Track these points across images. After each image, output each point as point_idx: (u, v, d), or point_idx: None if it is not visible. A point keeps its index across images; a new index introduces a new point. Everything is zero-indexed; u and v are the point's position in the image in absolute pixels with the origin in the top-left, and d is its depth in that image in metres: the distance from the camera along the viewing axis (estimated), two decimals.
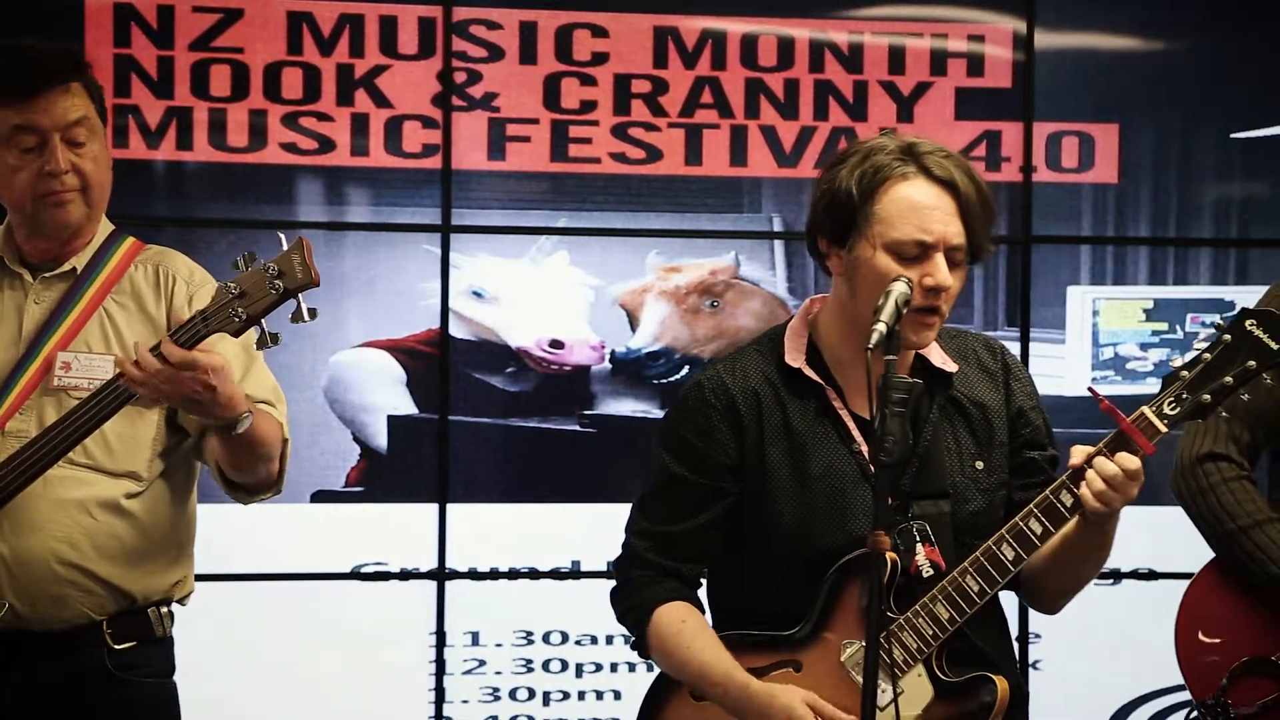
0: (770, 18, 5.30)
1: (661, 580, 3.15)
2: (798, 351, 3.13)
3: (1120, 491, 2.91)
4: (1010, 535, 2.97)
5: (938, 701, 3.00)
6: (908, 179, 3.01)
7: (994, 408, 3.15)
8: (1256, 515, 3.58)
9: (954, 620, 2.98)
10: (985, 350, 3.22)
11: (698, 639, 3.10)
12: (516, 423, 5.28)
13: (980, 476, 3.12)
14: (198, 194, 5.14)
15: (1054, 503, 2.95)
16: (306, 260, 3.06)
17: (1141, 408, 2.94)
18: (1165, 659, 3.72)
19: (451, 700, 5.27)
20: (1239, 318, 2.93)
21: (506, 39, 5.21)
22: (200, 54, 5.09)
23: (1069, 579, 3.15)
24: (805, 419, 3.10)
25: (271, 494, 3.46)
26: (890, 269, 2.97)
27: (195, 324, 3.07)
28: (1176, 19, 5.47)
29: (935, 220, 2.98)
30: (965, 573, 2.98)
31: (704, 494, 3.12)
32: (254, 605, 5.11)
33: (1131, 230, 5.47)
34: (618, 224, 5.28)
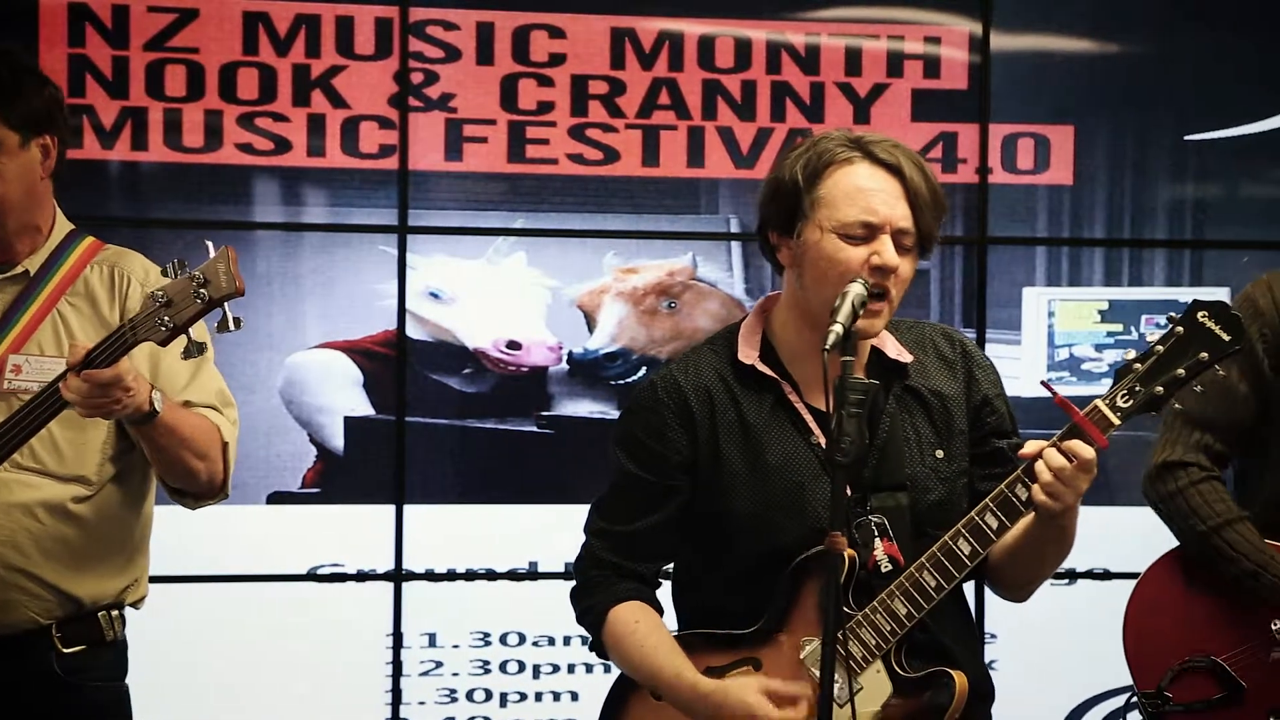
0: (727, 19, 5.30)
1: (618, 581, 3.15)
2: (751, 348, 3.13)
3: (1070, 484, 2.90)
4: (967, 530, 2.97)
5: (896, 697, 3.00)
6: (852, 163, 3.03)
7: (953, 396, 3.16)
8: (1226, 515, 3.61)
9: (912, 616, 2.98)
10: (943, 339, 3.22)
11: (650, 639, 3.10)
12: (473, 424, 5.27)
13: (940, 466, 3.12)
14: (153, 194, 5.11)
15: (1009, 497, 2.95)
16: (231, 269, 3.05)
17: (1095, 400, 2.94)
18: (1120, 659, 3.74)
19: (409, 702, 5.26)
20: (1191, 309, 2.94)
21: (463, 40, 5.20)
22: (155, 54, 5.06)
23: (1032, 571, 3.15)
24: (761, 413, 3.10)
25: (216, 499, 3.44)
26: (838, 251, 2.99)
27: (124, 332, 3.06)
28: (1132, 22, 5.49)
29: (880, 202, 3.00)
30: (923, 568, 2.99)
31: (658, 493, 3.12)
32: (210, 607, 5.09)
33: (1087, 232, 5.49)
34: (575, 225, 5.28)
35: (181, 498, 3.41)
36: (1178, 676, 3.62)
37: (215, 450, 3.35)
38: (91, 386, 3.05)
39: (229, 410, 3.43)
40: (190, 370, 3.36)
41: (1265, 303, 3.63)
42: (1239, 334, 2.91)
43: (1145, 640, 3.66)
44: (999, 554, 3.08)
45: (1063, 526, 3.00)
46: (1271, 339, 3.60)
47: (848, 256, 2.98)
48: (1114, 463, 5.41)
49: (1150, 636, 3.66)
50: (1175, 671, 3.62)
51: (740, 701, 2.98)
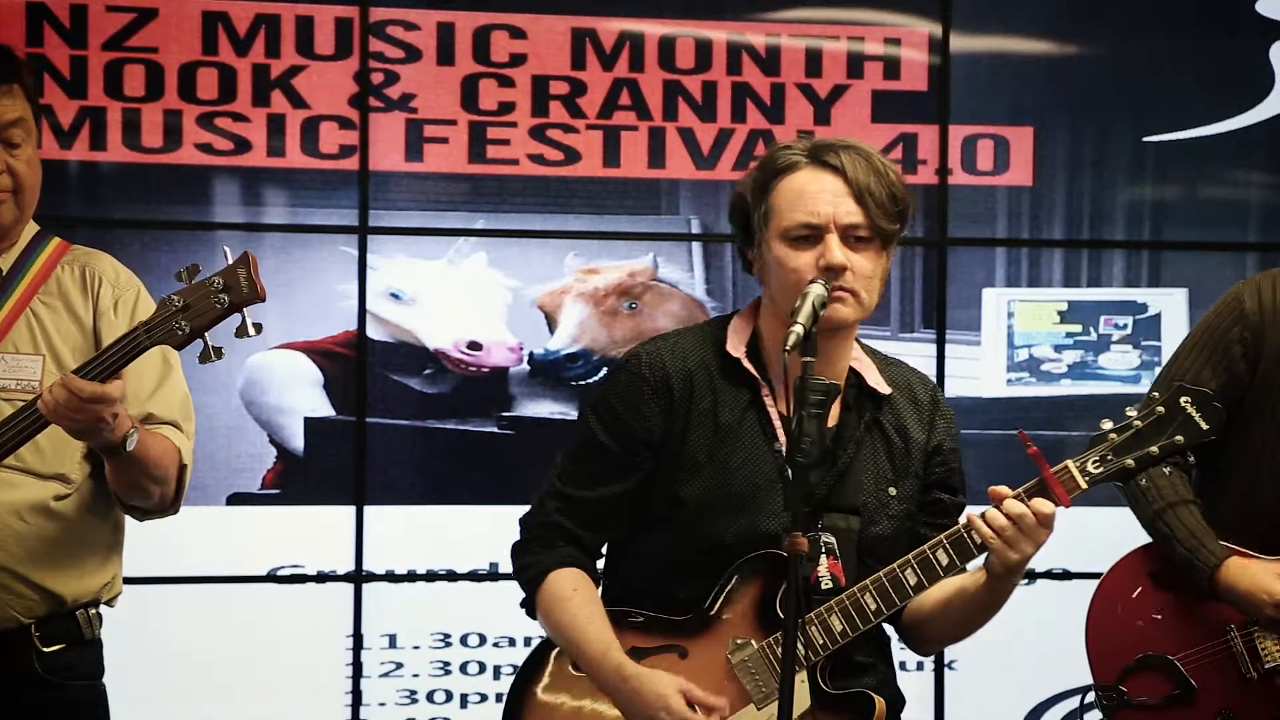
0: (688, 20, 5.31)
1: (562, 544, 3.18)
2: (740, 342, 3.16)
3: (1028, 535, 2.96)
4: (916, 562, 3.02)
5: (815, 709, 3.02)
6: (796, 169, 3.08)
7: (916, 439, 3.20)
8: (1171, 498, 3.62)
9: (846, 634, 3.02)
10: (920, 384, 3.26)
11: (584, 609, 3.12)
12: (434, 424, 5.26)
13: (891, 502, 3.15)
14: (111, 194, 5.10)
15: (964, 537, 3.00)
16: (252, 274, 3.08)
17: (1066, 461, 3.00)
18: (1079, 659, 3.76)
19: (369, 703, 5.25)
20: (1176, 393, 3.00)
21: (424, 40, 5.20)
22: (114, 54, 5.05)
23: (958, 627, 3.19)
24: (734, 410, 3.13)
25: (165, 515, 3.44)
26: (787, 256, 3.04)
27: (138, 335, 3.07)
28: (1091, 24, 5.52)
29: (822, 203, 3.04)
30: (865, 590, 3.02)
31: (621, 464, 3.15)
32: (169, 608, 5.07)
33: (1046, 233, 5.51)
34: (536, 225, 5.28)
35: (130, 511, 3.41)
36: (1133, 672, 3.65)
37: (173, 473, 3.36)
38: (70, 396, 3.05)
39: (188, 425, 3.43)
40: (157, 378, 3.36)
41: (1251, 304, 3.64)
42: (1217, 425, 2.99)
43: (1105, 634, 3.69)
44: (924, 609, 3.15)
45: (1003, 591, 3.05)
46: (1251, 341, 3.62)
47: (798, 262, 3.03)
48: None
49: (1111, 631, 3.69)
50: (1131, 667, 3.64)
51: (656, 694, 3.01)
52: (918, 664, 5.35)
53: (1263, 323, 3.61)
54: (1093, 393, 5.45)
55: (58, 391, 3.07)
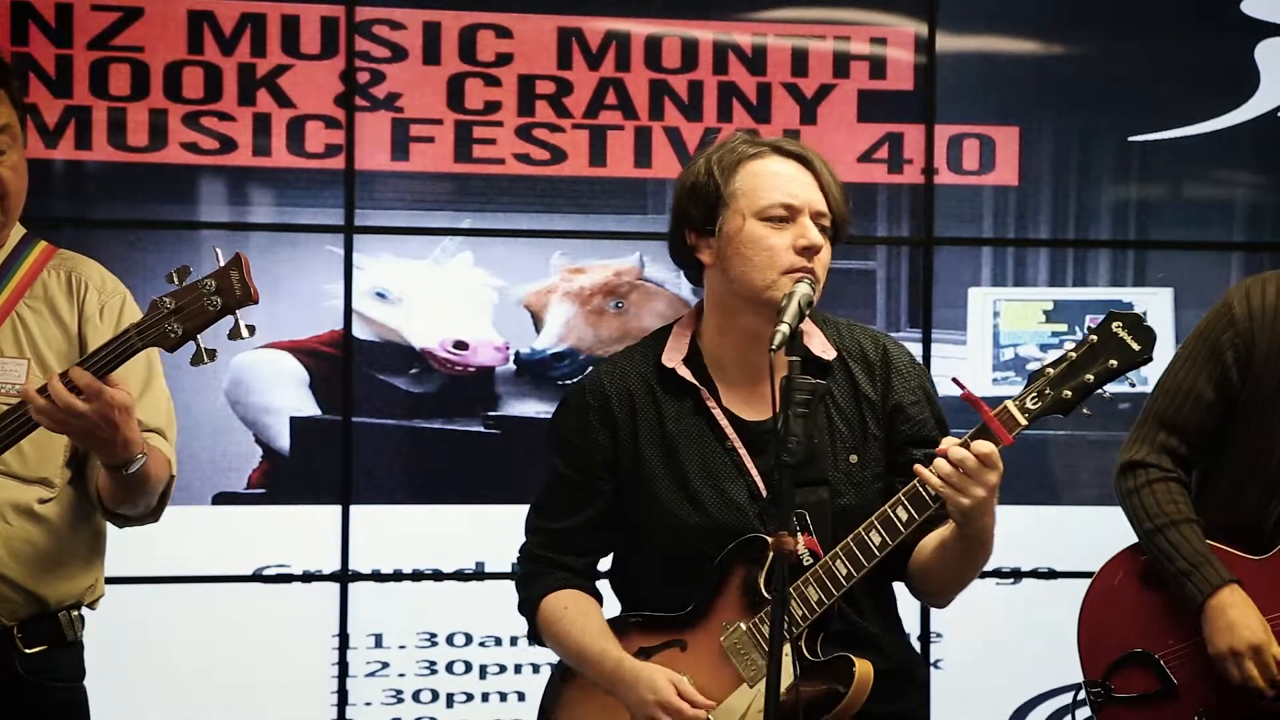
0: (674, 19, 5.31)
1: (550, 572, 3.30)
2: (676, 351, 3.24)
3: (975, 478, 2.97)
4: (879, 521, 3.06)
5: (802, 680, 3.07)
6: (762, 156, 3.16)
7: (871, 400, 3.23)
8: (1173, 516, 3.64)
9: (822, 602, 3.08)
10: (869, 341, 3.29)
11: (578, 622, 3.24)
12: (420, 424, 5.26)
13: (854, 470, 3.20)
14: (97, 194, 5.09)
15: (919, 491, 3.03)
16: (245, 276, 3.08)
17: (1005, 401, 3.02)
18: (1065, 657, 3.77)
19: (354, 703, 5.24)
20: (1107, 319, 3.03)
21: (410, 39, 5.19)
22: (99, 53, 5.04)
23: (948, 578, 3.22)
24: (680, 418, 3.21)
25: (146, 523, 3.44)
26: (761, 235, 3.10)
27: (130, 338, 3.06)
28: (1076, 24, 5.52)
29: (798, 186, 3.13)
30: (835, 557, 3.08)
31: (583, 491, 3.26)
32: (155, 608, 5.07)
33: (1032, 232, 5.52)
34: (522, 225, 5.28)
35: (111, 518, 3.40)
36: (1119, 668, 3.67)
37: (162, 486, 3.35)
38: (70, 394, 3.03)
39: (171, 432, 3.43)
40: (141, 385, 3.35)
41: (1240, 310, 3.65)
42: (1149, 345, 3.01)
43: (1095, 631, 3.71)
44: (920, 561, 3.19)
45: (977, 536, 3.06)
46: (1242, 347, 3.63)
47: (774, 240, 3.10)
48: (1059, 464, 5.45)
49: (1099, 627, 3.71)
50: (1116, 663, 3.66)
51: (649, 684, 3.12)
52: None
53: (1252, 327, 3.62)
54: None
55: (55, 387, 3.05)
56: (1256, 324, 3.61)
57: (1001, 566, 5.38)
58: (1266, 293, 3.65)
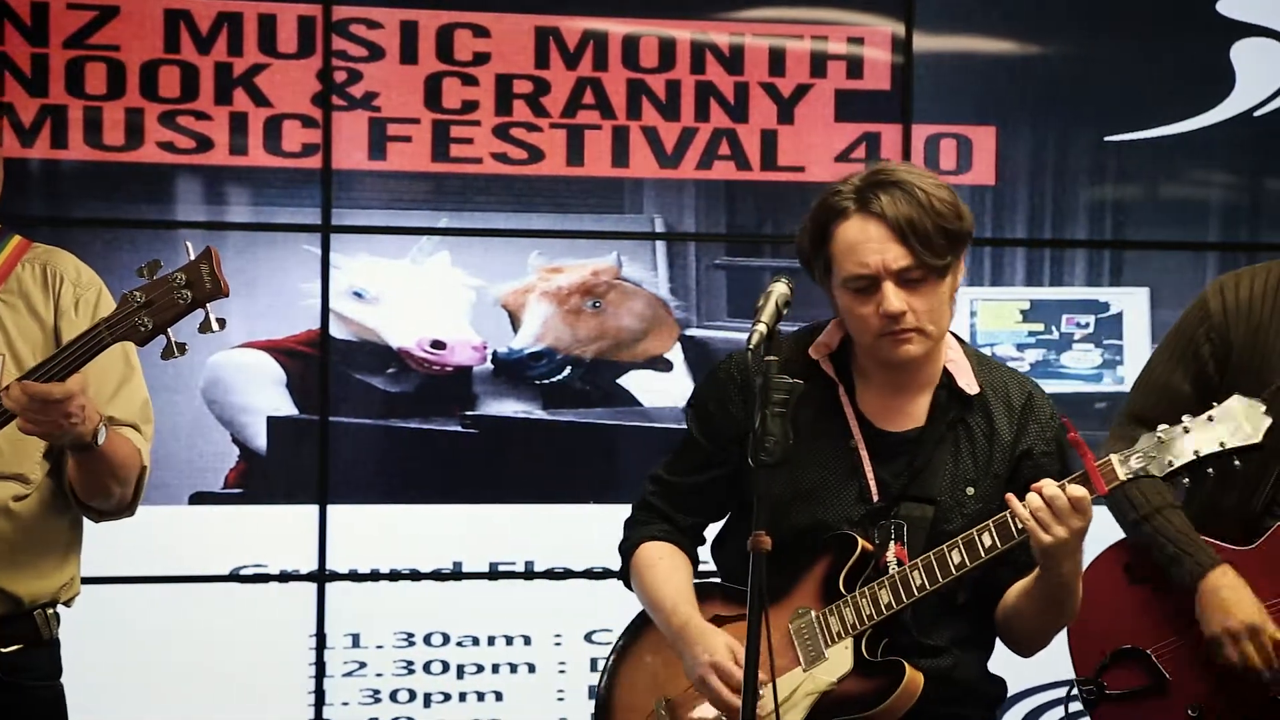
0: (651, 19, 5.31)
1: (656, 522, 3.41)
2: (825, 345, 3.30)
3: (1061, 518, 3.04)
4: (963, 542, 3.14)
5: (853, 675, 3.18)
6: (847, 217, 3.17)
7: (1002, 440, 3.28)
8: (1157, 504, 3.66)
9: (890, 606, 3.17)
10: (1015, 385, 3.34)
11: (662, 575, 3.35)
12: (397, 423, 5.26)
13: (967, 501, 3.25)
14: (73, 193, 5.08)
15: (1007, 521, 3.10)
16: (215, 270, 3.08)
17: (1111, 454, 3.08)
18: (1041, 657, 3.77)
19: (331, 703, 5.24)
20: (1232, 399, 3.08)
21: (387, 38, 5.19)
22: (75, 51, 5.03)
23: (1031, 625, 3.28)
24: (812, 408, 3.24)
25: (122, 517, 3.43)
26: (851, 305, 3.18)
27: (99, 332, 3.06)
28: (1053, 24, 5.53)
29: (870, 253, 3.14)
30: (915, 568, 3.16)
31: (708, 456, 3.36)
32: (132, 608, 5.06)
33: (1008, 232, 5.53)
34: (499, 224, 5.28)
35: (87, 510, 3.40)
36: (1111, 665, 3.68)
37: (134, 475, 3.35)
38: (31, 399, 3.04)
39: (147, 427, 3.42)
40: (118, 381, 3.34)
41: (1215, 305, 3.68)
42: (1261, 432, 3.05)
43: (1084, 628, 3.71)
44: (1006, 606, 3.27)
45: (1059, 582, 3.13)
46: (1218, 342, 3.66)
47: (862, 311, 3.17)
48: None
49: (1089, 625, 3.71)
50: (1108, 660, 3.68)
51: (708, 645, 3.20)
52: None
53: (1228, 322, 3.65)
54: (1055, 391, 5.42)
55: (15, 394, 3.05)
56: (1232, 319, 3.64)
57: None
58: (1240, 288, 3.68)
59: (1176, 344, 3.72)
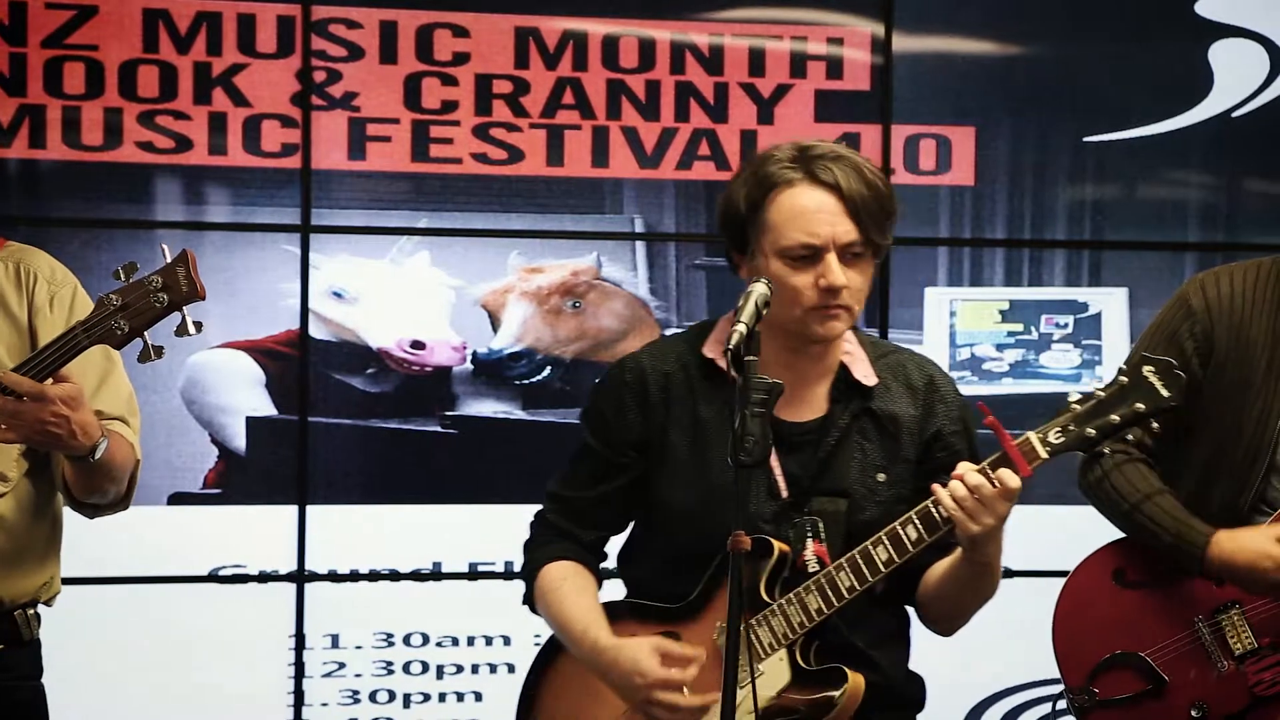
0: (631, 19, 5.31)
1: (557, 541, 3.31)
2: (718, 342, 3.22)
3: (988, 507, 2.98)
4: (887, 537, 3.07)
5: (792, 686, 3.09)
6: (793, 185, 3.11)
7: (907, 424, 3.23)
8: (1146, 491, 3.64)
9: (821, 611, 3.09)
10: (915, 368, 3.30)
11: (570, 597, 3.25)
12: (377, 423, 5.25)
13: (879, 488, 3.20)
14: (51, 193, 5.07)
15: (931, 511, 3.04)
16: (192, 273, 3.07)
17: (1028, 433, 3.02)
18: (1021, 656, 3.79)
19: (311, 703, 5.23)
20: (1138, 361, 3.03)
21: (366, 38, 5.18)
22: (54, 51, 5.02)
23: (953, 606, 3.27)
24: (713, 408, 3.20)
25: (117, 510, 3.42)
26: (785, 274, 3.08)
27: (75, 335, 3.05)
28: (1032, 24, 5.54)
29: (821, 223, 3.08)
30: (840, 568, 3.09)
31: (607, 466, 3.27)
32: (110, 609, 5.05)
33: (988, 232, 5.54)
34: (479, 224, 5.27)
35: (81, 508, 3.38)
36: (1103, 671, 3.67)
37: (129, 471, 3.34)
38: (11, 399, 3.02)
39: (135, 420, 3.41)
40: (100, 375, 3.33)
41: (1198, 302, 3.68)
42: (1178, 392, 3.01)
43: (1073, 636, 3.70)
44: (928, 587, 3.23)
45: (983, 563, 3.09)
46: (1201, 337, 3.66)
47: (797, 281, 3.09)
48: None
49: (1078, 632, 3.70)
50: (1100, 666, 3.67)
51: (631, 659, 3.10)
52: None
53: (1211, 317, 3.65)
54: (1034, 391, 5.48)
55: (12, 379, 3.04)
56: (1215, 314, 3.64)
57: None
58: (1221, 285, 3.68)
59: (1159, 339, 3.70)
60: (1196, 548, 3.58)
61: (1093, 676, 3.67)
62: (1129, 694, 3.65)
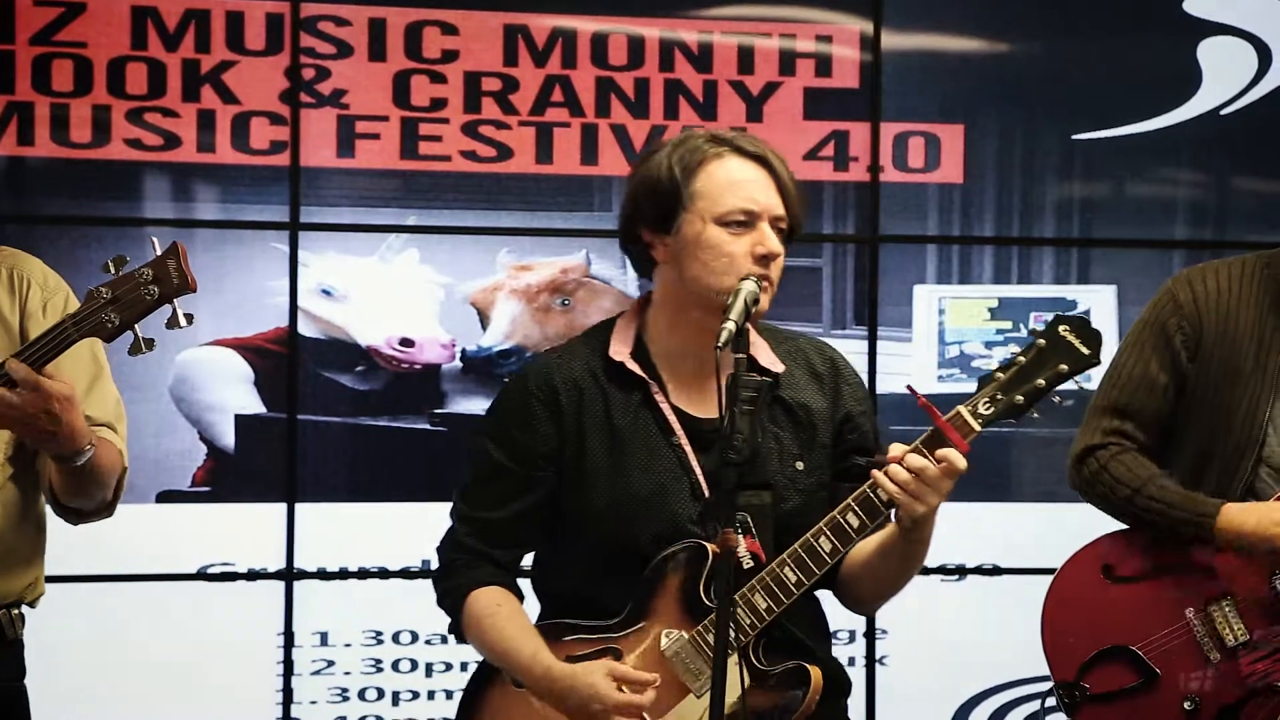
0: (620, 17, 5.31)
1: (479, 565, 3.22)
2: (623, 344, 3.20)
3: (932, 486, 2.98)
4: (828, 528, 3.05)
5: (752, 689, 3.04)
6: (723, 157, 3.13)
7: (818, 410, 3.23)
8: (1144, 474, 3.65)
9: (771, 610, 3.05)
10: (816, 353, 3.29)
11: (510, 623, 3.16)
12: (366, 421, 5.25)
13: (799, 476, 3.19)
14: (40, 191, 5.06)
15: (870, 496, 3.03)
16: (182, 265, 3.06)
17: (957, 407, 3.04)
18: (1009, 654, 3.79)
19: (300, 701, 5.23)
20: (1053, 322, 3.06)
21: (355, 35, 5.18)
22: (42, 48, 5.01)
23: (887, 584, 3.22)
24: (627, 411, 3.16)
25: (103, 517, 3.41)
26: (721, 240, 3.08)
27: (66, 328, 3.04)
28: (1021, 22, 5.55)
29: (758, 191, 3.10)
30: (784, 564, 3.06)
31: (522, 482, 3.19)
32: (99, 607, 5.05)
33: (976, 230, 5.54)
34: (468, 222, 5.27)
35: (65, 513, 3.38)
36: (1093, 666, 3.68)
37: (115, 478, 3.33)
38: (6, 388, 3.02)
39: (121, 426, 3.40)
40: (89, 380, 3.32)
41: (1185, 296, 3.71)
42: (1097, 348, 3.04)
43: (1062, 632, 3.71)
44: (855, 567, 3.18)
45: (920, 539, 3.07)
46: (1189, 330, 3.69)
47: (734, 247, 3.08)
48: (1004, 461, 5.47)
49: (1067, 628, 3.71)
50: (1090, 661, 3.67)
51: (587, 685, 3.04)
52: (849, 659, 5.36)
53: (1198, 311, 3.69)
54: None
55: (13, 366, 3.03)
56: (1202, 308, 3.68)
57: (946, 563, 5.40)
58: (1208, 280, 3.72)
59: (1147, 334, 3.74)
60: (1208, 518, 3.58)
61: (1083, 672, 3.68)
62: (1121, 688, 3.66)
